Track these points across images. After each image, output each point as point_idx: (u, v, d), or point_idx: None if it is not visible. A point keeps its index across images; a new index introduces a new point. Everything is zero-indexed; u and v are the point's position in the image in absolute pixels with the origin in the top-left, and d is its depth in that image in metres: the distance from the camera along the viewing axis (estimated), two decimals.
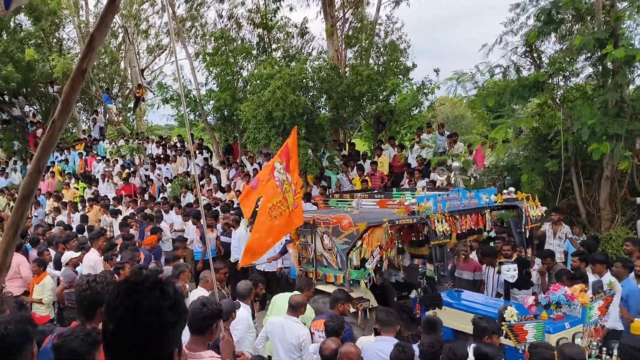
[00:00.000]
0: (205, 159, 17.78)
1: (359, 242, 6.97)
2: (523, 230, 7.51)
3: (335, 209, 8.47)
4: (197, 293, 6.85)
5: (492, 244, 8.90)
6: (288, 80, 14.04)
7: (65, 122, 1.94)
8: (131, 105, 24.81)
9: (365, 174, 14.03)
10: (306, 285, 7.15)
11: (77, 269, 8.93)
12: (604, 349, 5.69)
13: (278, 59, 17.15)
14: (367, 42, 15.69)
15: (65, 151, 21.21)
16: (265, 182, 7.37)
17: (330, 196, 10.42)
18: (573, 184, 10.17)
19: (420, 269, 8.05)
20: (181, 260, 9.37)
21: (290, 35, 18.09)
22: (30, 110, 24.61)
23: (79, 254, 9.24)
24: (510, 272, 7.17)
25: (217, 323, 4.09)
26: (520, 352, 5.60)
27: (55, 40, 23.91)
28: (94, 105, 24.90)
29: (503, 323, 5.63)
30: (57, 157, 21.15)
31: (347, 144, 17.48)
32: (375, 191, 9.91)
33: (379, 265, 7.11)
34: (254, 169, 16.10)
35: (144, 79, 23.59)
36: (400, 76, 15.25)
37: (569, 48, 10.22)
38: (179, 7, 20.46)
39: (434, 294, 6.74)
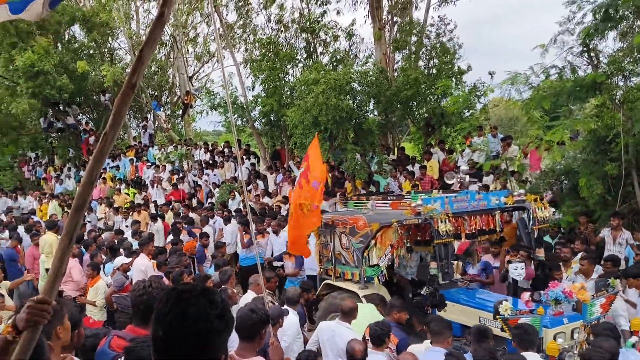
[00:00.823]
0: (252, 165, 18.03)
1: (373, 242, 7.58)
2: (531, 231, 7.90)
3: (353, 210, 9.05)
4: (247, 297, 6.95)
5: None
6: (332, 84, 14.11)
7: (117, 134, 2.08)
8: (180, 112, 25.42)
9: (414, 179, 13.91)
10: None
11: (128, 273, 9.19)
12: None
13: (325, 63, 17.21)
14: (416, 44, 15.57)
15: (117, 158, 21.89)
16: (307, 182, 8.03)
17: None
18: (634, 187, 9.80)
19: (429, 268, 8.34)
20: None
21: (337, 39, 18.11)
22: (83, 119, 25.60)
23: (129, 259, 9.53)
24: (517, 270, 7.50)
25: (266, 329, 4.15)
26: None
27: (106, 50, 24.73)
28: (144, 112, 25.66)
29: (497, 316, 6.04)
30: (108, 163, 21.88)
31: (395, 148, 17.40)
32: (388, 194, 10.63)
33: (390, 263, 7.77)
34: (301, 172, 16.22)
35: (192, 85, 24.17)
36: (453, 79, 15.06)
37: (629, 46, 9.87)
38: (227, 15, 20.85)
39: (436, 296, 7.21)
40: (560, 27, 10.26)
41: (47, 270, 11.19)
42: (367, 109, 15.61)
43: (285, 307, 6.43)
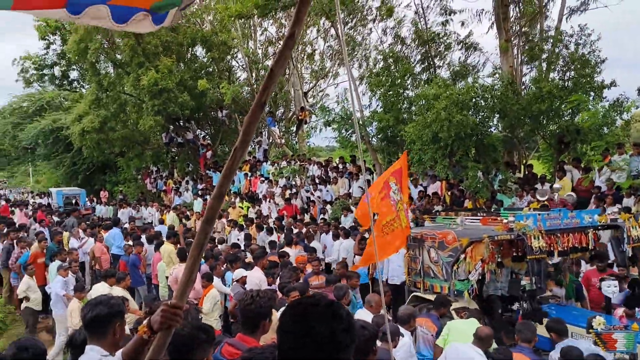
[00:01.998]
0: (367, 181, 17.78)
1: (462, 256, 7.77)
2: (625, 249, 8.05)
3: (441, 225, 9.40)
4: (359, 315, 6.76)
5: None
6: (455, 100, 13.66)
7: (246, 151, 2.18)
8: (294, 128, 25.89)
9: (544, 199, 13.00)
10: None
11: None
12: None
13: (446, 77, 16.75)
14: (549, 55, 14.68)
15: None
16: (379, 199, 7.96)
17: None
18: None
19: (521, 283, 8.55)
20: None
21: (458, 51, 17.65)
22: (201, 134, 26.80)
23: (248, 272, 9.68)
24: (610, 288, 7.57)
25: (376, 346, 4.24)
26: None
27: (224, 68, 25.80)
28: (259, 128, 26.39)
29: (591, 330, 6.22)
30: None
31: (522, 166, 16.48)
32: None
33: (480, 278, 8.04)
34: (419, 191, 15.80)
35: (307, 101, 24.52)
36: (592, 93, 14.01)
37: None
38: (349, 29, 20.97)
39: (536, 309, 7.47)
40: None
41: (166, 277, 11.65)
42: (491, 124, 14.90)
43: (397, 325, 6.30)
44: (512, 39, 16.58)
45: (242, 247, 13.58)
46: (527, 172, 15.52)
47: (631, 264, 8.46)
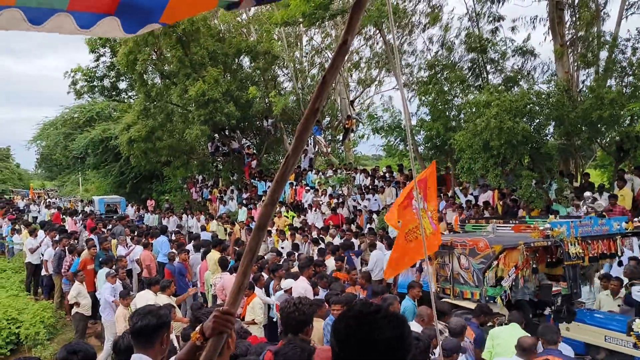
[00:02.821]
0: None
1: (495, 262, 7.93)
2: None
3: (471, 233, 9.66)
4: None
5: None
6: (507, 107, 13.28)
7: (298, 158, 2.16)
8: (340, 136, 25.79)
9: (602, 209, 12.44)
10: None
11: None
12: None
13: (497, 84, 16.33)
14: (607, 61, 14.14)
15: None
16: (403, 208, 8.10)
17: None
18: None
19: (553, 288, 8.77)
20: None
21: (511, 57, 17.17)
22: (246, 143, 26.96)
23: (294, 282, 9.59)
24: None
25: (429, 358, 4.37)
26: None
27: (270, 77, 25.95)
28: None
29: (631, 333, 6.58)
30: (268, 187, 22.61)
31: (578, 175, 15.89)
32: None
33: (513, 284, 8.18)
34: (467, 200, 15.41)
35: (354, 110, 24.39)
36: None
37: None
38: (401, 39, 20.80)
39: (571, 312, 7.94)
40: None
41: (211, 285, 11.67)
42: (547, 132, 14.43)
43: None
44: (568, 44, 16.06)
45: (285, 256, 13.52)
46: (584, 182, 14.94)
47: None
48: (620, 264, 9.43)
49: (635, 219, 8.95)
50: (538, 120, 14.38)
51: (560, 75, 15.57)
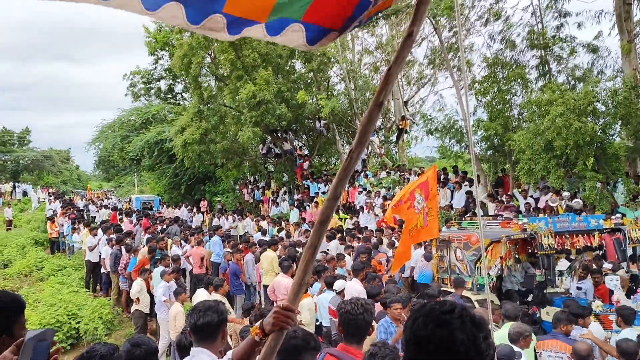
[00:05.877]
0: (469, 192, 17.06)
1: (484, 254, 8.50)
2: (626, 249, 9.51)
3: (467, 229, 10.54)
4: None
5: None
6: (572, 105, 12.77)
7: (362, 152, 2.13)
8: (393, 137, 25.50)
9: None
10: None
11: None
12: None
13: (562, 82, 15.76)
14: None
15: (329, 183, 22.49)
16: (406, 208, 8.60)
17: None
18: None
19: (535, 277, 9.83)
20: None
21: (576, 54, 16.50)
22: (298, 145, 26.98)
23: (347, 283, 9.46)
24: (612, 282, 8.80)
25: None
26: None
27: (323, 78, 25.89)
28: None
29: (592, 313, 7.37)
30: (319, 188, 22.56)
31: None
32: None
33: (499, 273, 9.47)
34: (526, 202, 14.88)
35: (407, 110, 24.05)
36: None
37: None
38: (447, 37, 20.38)
39: (542, 295, 8.99)
40: None
41: (265, 286, 11.65)
42: (613, 131, 13.81)
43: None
44: (636, 39, 15.34)
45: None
46: None
47: (631, 261, 10.00)
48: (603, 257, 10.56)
49: (613, 217, 9.81)
50: (604, 119, 13.77)
51: (627, 72, 14.93)
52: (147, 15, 1.93)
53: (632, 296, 8.23)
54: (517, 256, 9.61)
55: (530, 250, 10.06)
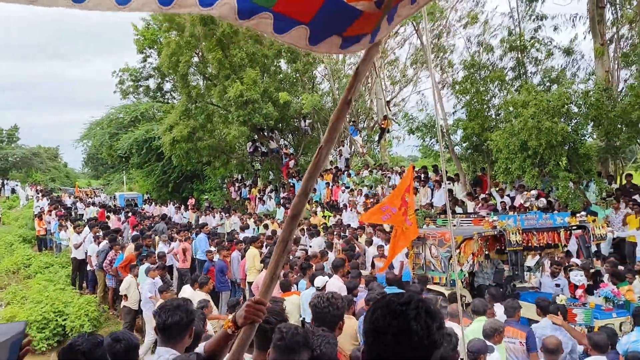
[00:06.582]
0: (450, 191, 17.42)
1: (457, 251, 9.09)
2: (589, 245, 9.93)
3: (441, 226, 10.88)
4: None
5: None
6: (545, 107, 13.13)
7: (331, 148, 2.19)
8: (376, 137, 25.82)
9: None
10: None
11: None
12: None
13: (537, 83, 16.13)
14: None
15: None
16: (400, 214, 8.61)
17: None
18: None
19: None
20: None
21: (552, 56, 16.89)
22: (284, 143, 27.22)
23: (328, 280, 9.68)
24: (577, 277, 8.96)
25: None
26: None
27: (307, 78, 26.17)
28: (341, 137, 26.54)
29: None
30: None
31: (618, 176, 15.57)
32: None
33: (471, 269, 9.98)
34: (502, 201, 15.27)
35: (390, 110, 24.39)
36: None
37: None
38: (429, 38, 20.69)
39: (512, 289, 9.53)
40: None
41: (249, 283, 11.89)
42: (585, 132, 14.20)
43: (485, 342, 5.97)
44: (608, 42, 15.74)
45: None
46: (626, 183, 14.62)
47: (595, 257, 10.52)
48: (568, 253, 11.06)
49: (579, 214, 10.18)
50: (576, 120, 14.14)
51: (599, 74, 15.31)
52: (118, 10, 1.68)
53: (594, 291, 8.50)
54: (487, 252, 9.94)
55: (499, 248, 10.35)
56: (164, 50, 25.82)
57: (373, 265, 12.63)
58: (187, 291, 10.00)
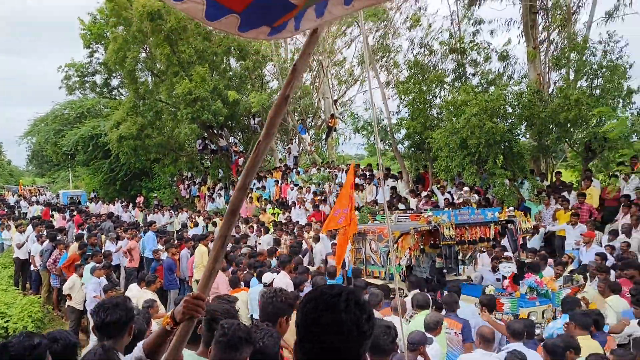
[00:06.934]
0: (393, 188, 17.94)
1: (395, 246, 9.49)
2: (516, 239, 10.36)
3: (380, 222, 11.41)
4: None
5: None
6: (484, 106, 13.73)
7: (269, 144, 2.19)
8: (324, 135, 26.19)
9: (571, 207, 12.97)
10: None
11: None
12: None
13: (475, 85, 16.78)
14: (577, 63, 14.60)
15: (263, 179, 22.98)
16: (351, 213, 9.18)
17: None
18: None
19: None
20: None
21: (489, 59, 17.56)
22: (233, 141, 27.24)
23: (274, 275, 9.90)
24: (506, 268, 9.31)
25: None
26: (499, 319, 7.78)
27: (256, 77, 26.27)
28: (289, 135, 26.80)
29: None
30: (255, 184, 22.99)
31: (549, 174, 16.39)
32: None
33: (408, 263, 10.20)
34: (445, 198, 15.85)
35: (337, 109, 24.79)
36: (620, 100, 13.93)
37: None
38: (374, 38, 21.22)
39: (442, 283, 9.84)
40: None
41: (197, 281, 11.96)
42: (519, 131, 14.89)
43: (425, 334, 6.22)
44: (540, 46, 16.51)
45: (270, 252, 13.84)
46: (555, 181, 15.43)
47: (521, 250, 10.80)
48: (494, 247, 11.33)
49: (507, 210, 10.54)
50: (511, 120, 14.80)
51: (532, 77, 16.03)
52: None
53: (520, 282, 8.97)
54: (422, 247, 10.30)
55: (433, 242, 10.70)
56: (110, 45, 25.41)
57: (326, 262, 12.82)
58: (133, 290, 9.99)
